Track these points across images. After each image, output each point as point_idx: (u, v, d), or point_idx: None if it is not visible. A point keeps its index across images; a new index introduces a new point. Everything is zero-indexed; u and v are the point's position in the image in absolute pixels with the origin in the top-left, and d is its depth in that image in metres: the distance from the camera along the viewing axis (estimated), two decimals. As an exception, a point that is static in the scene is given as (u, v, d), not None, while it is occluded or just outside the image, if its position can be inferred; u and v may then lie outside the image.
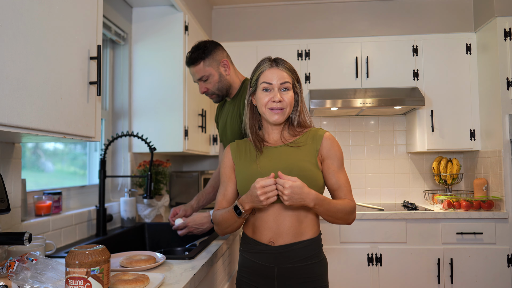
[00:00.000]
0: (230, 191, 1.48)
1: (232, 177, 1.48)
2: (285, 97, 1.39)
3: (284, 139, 1.46)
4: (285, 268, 1.36)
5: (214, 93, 1.86)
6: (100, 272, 0.92)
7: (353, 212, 1.39)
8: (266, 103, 1.39)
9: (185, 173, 3.00)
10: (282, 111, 1.40)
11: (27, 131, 0.95)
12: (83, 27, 1.19)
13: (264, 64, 1.44)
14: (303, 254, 1.36)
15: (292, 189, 1.23)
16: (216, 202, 1.51)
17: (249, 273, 1.42)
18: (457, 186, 3.37)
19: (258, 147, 1.44)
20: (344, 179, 1.41)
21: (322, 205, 1.29)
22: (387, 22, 3.29)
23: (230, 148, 1.53)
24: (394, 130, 3.48)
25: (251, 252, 1.42)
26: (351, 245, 2.84)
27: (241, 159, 1.47)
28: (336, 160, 1.41)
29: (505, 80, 2.78)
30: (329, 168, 1.40)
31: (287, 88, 1.40)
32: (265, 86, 1.40)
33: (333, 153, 1.41)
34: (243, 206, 1.32)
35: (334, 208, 1.33)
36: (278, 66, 1.41)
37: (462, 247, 2.76)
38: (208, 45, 1.82)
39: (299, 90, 1.46)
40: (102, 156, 1.95)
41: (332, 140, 1.43)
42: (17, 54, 0.90)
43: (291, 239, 1.36)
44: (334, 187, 1.40)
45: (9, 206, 1.13)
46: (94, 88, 1.25)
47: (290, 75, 1.42)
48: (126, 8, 2.45)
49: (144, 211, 2.30)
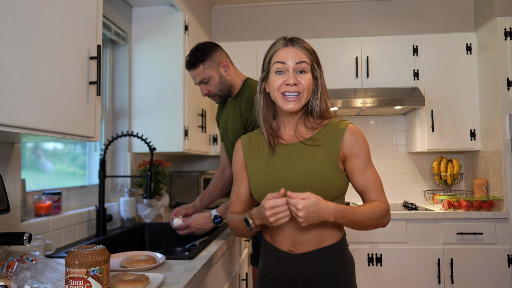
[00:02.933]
0: (244, 191, 1.35)
1: (244, 176, 1.35)
2: (301, 80, 1.21)
3: (299, 134, 1.28)
4: (308, 275, 1.24)
5: (216, 94, 1.86)
6: (100, 272, 0.92)
7: (385, 215, 1.21)
8: (279, 87, 1.22)
9: (185, 173, 3.00)
10: (298, 97, 1.21)
11: (27, 131, 0.95)
12: (83, 27, 1.19)
13: (278, 43, 1.26)
14: (327, 260, 1.23)
15: (306, 209, 1.07)
16: (230, 202, 1.40)
17: (272, 279, 1.31)
18: (458, 186, 3.37)
19: (271, 145, 1.28)
20: (372, 178, 1.23)
21: (344, 216, 1.14)
22: (387, 22, 3.29)
23: (241, 143, 1.37)
24: (394, 130, 3.48)
25: (271, 258, 1.30)
26: (351, 245, 2.84)
27: (253, 158, 1.32)
28: (361, 157, 1.22)
29: (506, 80, 2.78)
30: (354, 167, 1.22)
31: (304, 70, 1.22)
32: (278, 67, 1.22)
33: (357, 149, 1.22)
34: (253, 221, 1.19)
35: (360, 216, 1.17)
36: (294, 45, 1.23)
37: (462, 247, 2.76)
38: (207, 47, 1.82)
39: (319, 74, 1.26)
40: (102, 156, 1.95)
41: (356, 134, 1.23)
42: (17, 54, 0.89)
43: (312, 247, 1.23)
44: (361, 188, 1.24)
45: (8, 206, 1.13)
46: (94, 88, 1.25)
47: (308, 55, 1.23)
48: (126, 8, 2.45)
49: (144, 211, 2.30)
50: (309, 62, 1.23)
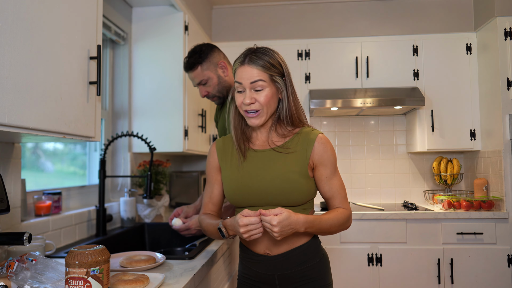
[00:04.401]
0: (216, 193, 1.41)
1: (217, 179, 1.40)
2: (258, 98, 1.26)
3: (272, 141, 1.34)
4: (285, 274, 1.31)
5: (215, 95, 1.86)
6: (100, 272, 0.92)
7: (347, 220, 1.32)
8: (240, 105, 1.29)
9: (185, 173, 3.00)
10: (258, 113, 1.27)
11: (27, 131, 0.95)
12: (83, 27, 1.19)
13: (237, 61, 1.30)
14: (301, 258, 1.31)
15: (280, 224, 1.14)
16: (202, 203, 1.44)
17: (251, 280, 1.38)
18: (458, 186, 3.37)
19: (241, 151, 1.34)
20: (337, 186, 1.32)
21: (313, 226, 1.23)
22: (387, 22, 3.29)
23: (215, 147, 1.42)
24: (394, 130, 3.48)
25: (250, 261, 1.37)
26: (351, 245, 2.84)
27: (227, 162, 1.37)
28: (329, 166, 1.31)
29: (506, 80, 2.78)
30: (322, 175, 1.31)
31: (261, 87, 1.25)
32: (237, 86, 1.28)
33: (326, 158, 1.30)
34: (227, 231, 1.25)
35: (326, 224, 1.26)
36: (250, 64, 1.25)
37: (462, 247, 2.76)
38: (204, 49, 1.83)
39: (284, 84, 1.29)
40: (102, 156, 1.95)
41: (325, 144, 1.30)
42: (17, 54, 0.89)
43: (286, 248, 1.30)
44: (327, 195, 1.33)
45: (8, 206, 1.13)
46: (94, 88, 1.25)
47: (264, 71, 1.25)
48: (126, 8, 2.45)
49: (144, 211, 2.30)
50: (267, 78, 1.26)
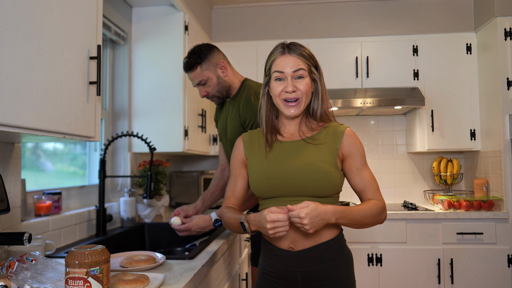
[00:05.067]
0: (240, 187, 1.41)
1: (242, 172, 1.40)
2: (299, 86, 1.29)
3: (302, 132, 1.36)
4: (309, 271, 1.28)
5: (215, 95, 1.87)
6: (100, 272, 0.92)
7: (382, 212, 1.29)
8: (279, 93, 1.30)
9: (185, 173, 3.00)
10: (298, 102, 1.30)
11: (26, 131, 0.95)
12: (83, 27, 1.19)
13: (276, 52, 1.34)
14: (326, 256, 1.28)
15: (309, 215, 1.13)
16: (225, 196, 1.45)
17: (272, 277, 1.34)
18: (457, 186, 3.37)
19: (268, 142, 1.35)
20: (368, 177, 1.32)
21: (344, 216, 1.21)
22: (387, 22, 3.29)
23: (242, 140, 1.43)
24: (394, 130, 3.48)
25: (272, 257, 1.33)
26: (351, 245, 2.84)
27: (254, 154, 1.37)
28: (359, 158, 1.31)
29: (506, 80, 2.78)
30: (352, 166, 1.31)
31: (302, 75, 1.30)
32: (277, 75, 1.31)
33: (355, 150, 1.31)
34: (249, 226, 1.25)
35: (358, 215, 1.24)
36: (291, 53, 1.31)
37: (462, 247, 2.76)
38: (204, 49, 1.83)
39: (319, 77, 1.34)
40: (102, 156, 1.95)
41: (354, 136, 1.33)
42: (17, 54, 0.89)
43: (311, 243, 1.27)
44: (359, 187, 1.32)
45: (8, 206, 1.13)
46: (94, 88, 1.25)
47: (305, 61, 1.30)
48: (126, 8, 2.45)
49: (144, 211, 2.30)
50: (306, 68, 1.31)
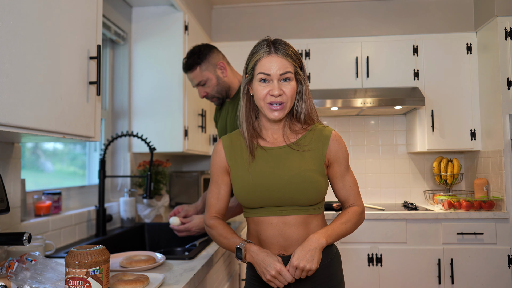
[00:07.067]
0: (224, 194, 1.34)
1: (225, 180, 1.33)
2: (285, 90, 1.22)
3: (286, 137, 1.30)
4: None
5: (214, 96, 1.87)
6: (99, 272, 0.92)
7: (360, 218, 1.31)
8: (264, 97, 1.22)
9: (185, 173, 2.99)
10: (282, 106, 1.23)
11: (26, 131, 0.95)
12: (83, 27, 1.19)
13: (260, 50, 1.25)
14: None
15: (305, 260, 1.13)
16: (208, 205, 1.35)
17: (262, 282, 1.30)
18: (458, 186, 3.36)
19: (251, 149, 1.28)
20: (350, 182, 1.32)
21: (331, 235, 1.22)
22: (387, 22, 3.28)
23: (222, 145, 1.34)
24: (394, 130, 3.48)
25: None
26: (351, 245, 2.84)
27: (236, 162, 1.30)
28: (343, 163, 1.30)
29: (506, 80, 2.78)
30: (336, 172, 1.30)
31: (289, 78, 1.22)
32: (262, 77, 1.22)
33: (341, 155, 1.29)
34: (245, 256, 1.21)
35: (345, 230, 1.26)
36: (277, 53, 1.23)
37: (462, 247, 2.76)
38: (203, 49, 1.82)
39: (303, 78, 1.27)
40: (102, 156, 1.95)
41: (339, 141, 1.29)
42: (17, 54, 0.89)
43: None
44: (341, 192, 1.32)
45: (8, 206, 1.13)
46: (93, 88, 1.25)
47: (292, 63, 1.23)
48: (126, 7, 2.45)
49: (144, 211, 2.29)
50: (293, 70, 1.24)
